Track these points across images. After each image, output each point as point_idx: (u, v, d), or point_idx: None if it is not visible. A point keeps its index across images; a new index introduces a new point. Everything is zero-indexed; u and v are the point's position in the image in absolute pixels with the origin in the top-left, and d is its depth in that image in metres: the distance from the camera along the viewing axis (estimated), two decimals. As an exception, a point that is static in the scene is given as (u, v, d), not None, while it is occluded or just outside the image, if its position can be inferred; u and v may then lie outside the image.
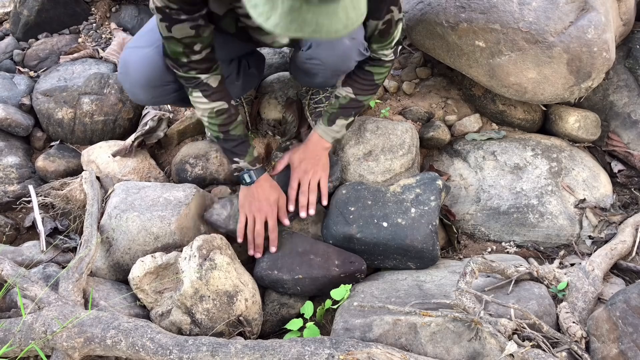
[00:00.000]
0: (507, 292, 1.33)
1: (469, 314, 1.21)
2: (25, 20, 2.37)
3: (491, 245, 1.69)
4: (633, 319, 1.15)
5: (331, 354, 1.14)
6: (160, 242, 1.51)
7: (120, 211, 1.55)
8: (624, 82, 1.84)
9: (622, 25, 1.78)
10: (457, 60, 1.75)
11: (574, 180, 1.73)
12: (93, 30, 2.46)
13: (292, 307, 1.53)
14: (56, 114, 1.97)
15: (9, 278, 1.38)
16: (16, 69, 2.27)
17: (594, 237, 1.64)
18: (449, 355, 1.20)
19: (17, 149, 1.94)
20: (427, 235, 1.51)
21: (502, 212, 1.70)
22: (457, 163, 1.83)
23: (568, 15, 1.56)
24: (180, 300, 1.35)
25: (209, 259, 1.39)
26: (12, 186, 1.82)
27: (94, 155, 1.85)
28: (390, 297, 1.38)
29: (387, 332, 1.24)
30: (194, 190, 1.62)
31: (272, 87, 2.00)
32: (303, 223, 1.66)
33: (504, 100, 1.87)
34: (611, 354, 1.16)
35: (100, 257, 1.53)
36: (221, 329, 1.37)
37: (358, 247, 1.55)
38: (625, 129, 1.83)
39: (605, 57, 1.59)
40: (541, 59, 1.58)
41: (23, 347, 1.25)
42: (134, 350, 1.21)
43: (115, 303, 1.40)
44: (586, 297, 1.33)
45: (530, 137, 1.84)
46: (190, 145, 1.93)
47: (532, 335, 1.18)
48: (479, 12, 1.61)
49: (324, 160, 1.60)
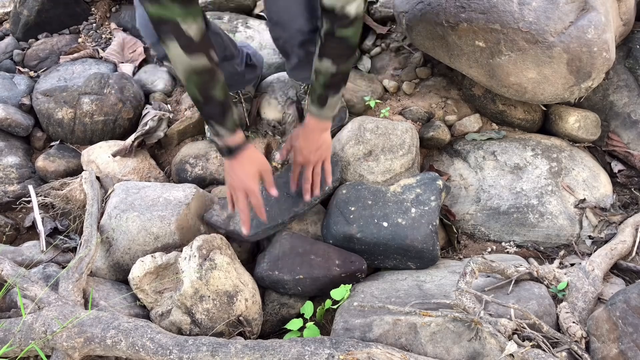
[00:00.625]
0: (507, 292, 1.33)
1: (469, 314, 1.21)
2: (25, 20, 2.37)
3: (491, 245, 1.69)
4: (633, 319, 1.15)
5: (331, 354, 1.14)
6: (160, 242, 1.51)
7: (120, 211, 1.55)
8: (624, 82, 1.84)
9: (622, 25, 1.78)
10: (457, 60, 1.75)
11: (574, 180, 1.73)
12: (93, 30, 2.47)
13: (292, 307, 1.53)
14: (56, 114, 1.97)
15: (9, 278, 1.38)
16: (16, 69, 2.27)
17: (594, 237, 1.64)
18: (449, 355, 1.20)
19: (17, 149, 1.94)
20: (427, 235, 1.51)
21: (502, 212, 1.70)
22: (457, 163, 1.83)
23: (568, 15, 1.56)
24: (180, 300, 1.35)
25: (209, 259, 1.39)
26: (12, 186, 1.82)
27: (94, 155, 1.85)
28: (390, 297, 1.38)
29: (387, 332, 1.24)
30: (194, 190, 1.62)
31: (272, 87, 2.00)
32: (303, 223, 1.66)
33: (504, 100, 1.87)
34: (611, 354, 1.16)
35: (100, 257, 1.53)
36: (221, 329, 1.37)
37: (358, 247, 1.55)
38: (625, 129, 1.83)
39: (605, 57, 1.59)
40: (541, 59, 1.58)
41: (23, 347, 1.25)
42: (134, 350, 1.21)
43: (115, 303, 1.40)
44: (586, 297, 1.33)
45: (530, 137, 1.84)
46: (190, 145, 1.93)
47: (532, 335, 1.18)
48: (479, 12, 1.61)
49: (326, 142, 1.53)
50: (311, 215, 1.66)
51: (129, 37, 2.39)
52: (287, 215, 1.57)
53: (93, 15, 2.52)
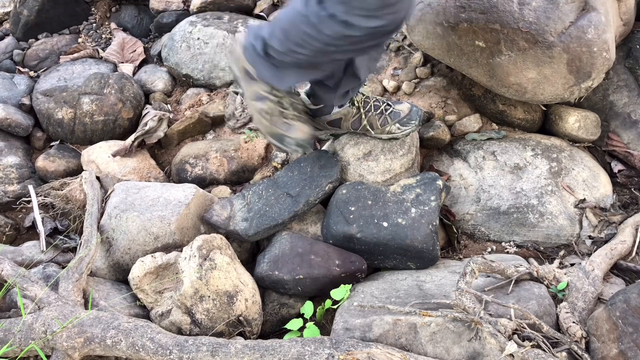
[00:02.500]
0: (507, 292, 1.33)
1: (469, 314, 1.21)
2: (25, 20, 2.37)
3: (491, 245, 1.69)
4: (633, 319, 1.15)
5: (331, 354, 1.14)
6: (160, 242, 1.51)
7: (120, 211, 1.55)
8: (624, 82, 1.84)
9: (622, 25, 1.78)
10: (457, 60, 1.75)
11: (574, 180, 1.73)
12: (93, 30, 2.47)
13: (292, 307, 1.53)
14: (56, 114, 1.97)
15: (9, 278, 1.38)
16: (16, 69, 2.27)
17: (594, 237, 1.64)
18: (449, 355, 1.20)
19: (17, 149, 1.94)
20: (427, 235, 1.51)
21: (502, 212, 1.70)
22: (457, 163, 1.83)
23: (568, 15, 1.55)
24: (180, 300, 1.35)
25: (209, 259, 1.39)
26: (12, 186, 1.82)
27: (94, 155, 1.85)
28: (390, 297, 1.38)
29: (387, 332, 1.24)
30: (194, 190, 1.62)
31: (272, 87, 2.00)
32: (303, 223, 1.66)
33: (504, 100, 1.87)
34: (611, 354, 1.16)
35: (100, 257, 1.53)
36: (221, 329, 1.37)
37: (358, 247, 1.55)
38: (625, 129, 1.83)
39: (605, 57, 1.59)
40: (541, 59, 1.58)
41: (23, 347, 1.25)
42: (134, 350, 1.21)
43: (115, 303, 1.40)
44: (586, 297, 1.33)
45: (530, 137, 1.84)
46: (190, 145, 1.93)
47: (532, 335, 1.18)
48: (479, 12, 1.61)
49: None
50: (311, 215, 1.66)
51: (128, 37, 2.39)
52: (287, 215, 1.57)
53: (93, 15, 2.52)
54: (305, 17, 1.22)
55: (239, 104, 2.00)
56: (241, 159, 1.88)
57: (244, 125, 1.99)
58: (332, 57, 1.34)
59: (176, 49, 2.16)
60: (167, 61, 2.19)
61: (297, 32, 1.27)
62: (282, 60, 1.38)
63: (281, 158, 1.85)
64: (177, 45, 2.17)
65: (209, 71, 2.12)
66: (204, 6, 2.30)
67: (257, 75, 1.49)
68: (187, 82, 2.18)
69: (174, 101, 2.17)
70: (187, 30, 2.18)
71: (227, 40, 2.13)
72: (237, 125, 1.99)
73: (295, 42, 1.29)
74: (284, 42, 1.32)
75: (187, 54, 2.14)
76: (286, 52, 1.34)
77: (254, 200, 1.62)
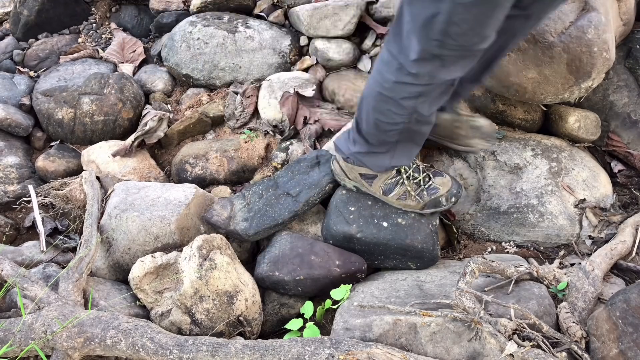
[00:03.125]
0: (507, 292, 1.33)
1: (469, 314, 1.21)
2: (25, 20, 2.37)
3: (491, 245, 1.69)
4: (633, 319, 1.15)
5: (331, 354, 1.14)
6: (160, 242, 1.51)
7: (120, 211, 1.55)
8: (624, 82, 1.84)
9: (622, 25, 1.78)
10: (457, 60, 1.74)
11: (574, 180, 1.73)
12: (93, 30, 2.47)
13: (292, 307, 1.53)
14: (56, 114, 1.97)
15: (9, 278, 1.38)
16: (16, 69, 2.27)
17: (594, 237, 1.64)
18: (449, 355, 1.20)
19: (17, 149, 1.94)
20: (427, 235, 1.51)
21: (502, 212, 1.70)
22: (457, 163, 1.83)
23: (568, 15, 1.55)
24: (180, 300, 1.35)
25: (209, 259, 1.39)
26: (12, 186, 1.82)
27: (94, 155, 1.85)
28: (390, 297, 1.38)
29: (387, 332, 1.24)
30: (194, 190, 1.62)
31: (271, 87, 1.99)
32: (303, 223, 1.66)
33: (504, 100, 1.87)
34: (611, 354, 1.16)
35: (100, 257, 1.53)
36: (221, 329, 1.37)
37: (358, 247, 1.55)
38: (625, 129, 1.83)
39: (605, 57, 1.59)
40: (541, 59, 1.58)
41: (23, 347, 1.25)
42: (134, 350, 1.21)
43: (115, 303, 1.40)
44: (586, 297, 1.33)
45: (530, 137, 1.84)
46: (190, 145, 1.93)
47: (532, 335, 1.18)
48: (479, 12, 1.61)
49: None
50: (311, 215, 1.66)
51: (128, 37, 2.39)
52: (287, 215, 1.57)
53: (93, 15, 2.52)
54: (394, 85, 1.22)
55: (238, 104, 2.00)
56: (241, 159, 1.88)
57: (243, 125, 1.99)
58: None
59: (176, 49, 2.16)
60: (167, 61, 2.19)
61: (385, 104, 1.26)
62: (385, 140, 1.36)
63: (281, 158, 1.85)
64: (177, 45, 2.17)
65: (208, 71, 2.12)
66: (204, 6, 2.30)
67: (375, 170, 1.47)
68: (187, 82, 2.18)
69: (174, 101, 2.17)
70: (187, 30, 2.18)
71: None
72: (237, 125, 1.99)
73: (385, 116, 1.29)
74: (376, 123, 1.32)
75: (187, 54, 2.14)
76: (384, 131, 1.33)
77: (254, 200, 1.62)
